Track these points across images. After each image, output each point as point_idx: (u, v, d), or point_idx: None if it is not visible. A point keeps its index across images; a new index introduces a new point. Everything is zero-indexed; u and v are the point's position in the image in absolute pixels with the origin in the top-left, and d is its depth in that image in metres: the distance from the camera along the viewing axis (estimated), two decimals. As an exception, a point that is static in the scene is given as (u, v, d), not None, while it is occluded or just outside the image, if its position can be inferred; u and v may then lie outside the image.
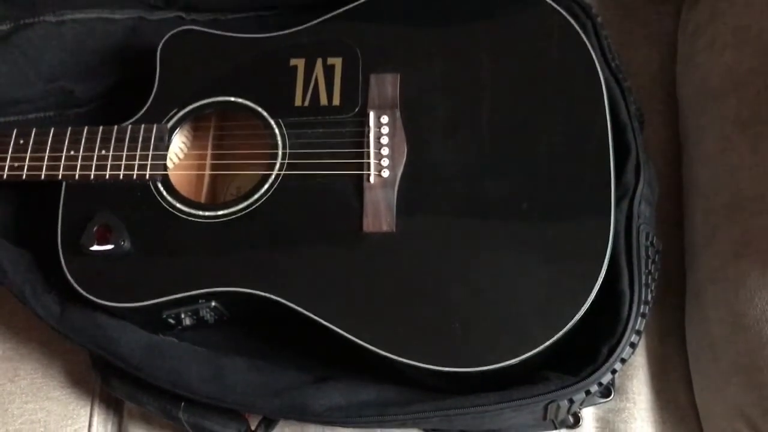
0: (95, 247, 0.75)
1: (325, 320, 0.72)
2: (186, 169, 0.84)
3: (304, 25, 0.83)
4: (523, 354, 0.69)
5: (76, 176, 0.78)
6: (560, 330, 0.69)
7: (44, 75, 0.88)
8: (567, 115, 0.76)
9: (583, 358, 0.72)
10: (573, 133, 0.76)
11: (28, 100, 0.89)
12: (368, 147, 0.77)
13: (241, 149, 0.81)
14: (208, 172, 0.83)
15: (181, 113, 0.81)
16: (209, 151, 0.84)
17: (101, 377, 0.79)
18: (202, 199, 0.82)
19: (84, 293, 0.75)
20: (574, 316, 0.69)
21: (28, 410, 0.83)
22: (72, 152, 0.79)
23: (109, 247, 0.75)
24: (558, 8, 0.80)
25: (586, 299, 0.70)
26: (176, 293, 0.74)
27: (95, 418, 0.84)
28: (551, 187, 0.74)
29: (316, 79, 0.80)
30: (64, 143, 0.79)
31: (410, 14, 0.82)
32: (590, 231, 0.72)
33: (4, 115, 0.89)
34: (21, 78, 0.88)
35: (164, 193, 0.78)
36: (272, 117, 0.79)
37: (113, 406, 0.86)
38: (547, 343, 0.69)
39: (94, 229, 0.76)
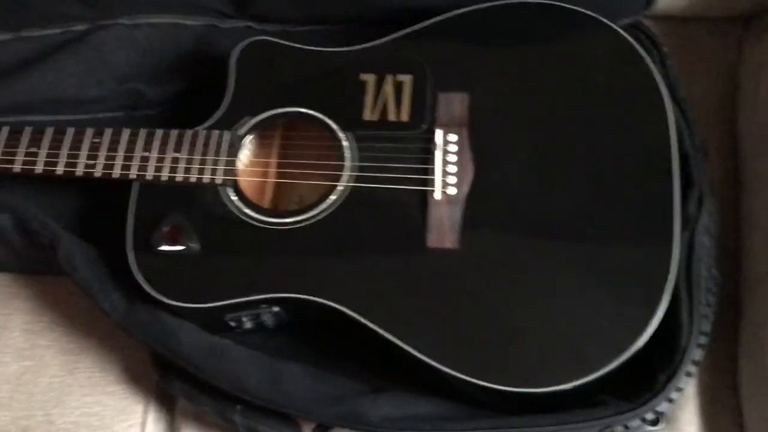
0: (164, 247, 0.77)
1: (383, 330, 0.73)
2: (249, 176, 0.85)
3: (376, 41, 0.84)
4: (579, 379, 0.69)
5: (149, 177, 0.80)
6: (619, 358, 0.69)
7: (116, 76, 0.90)
8: (633, 142, 0.77)
9: (639, 385, 0.72)
10: (638, 161, 0.76)
11: (100, 99, 0.91)
12: (435, 164, 0.78)
13: (307, 159, 0.82)
14: (273, 180, 0.84)
15: (253, 122, 0.82)
16: (274, 160, 0.85)
17: (160, 374, 0.80)
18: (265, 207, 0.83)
19: (151, 291, 0.76)
20: (634, 344, 0.69)
21: (85, 403, 0.85)
22: (145, 153, 0.80)
23: (179, 247, 0.77)
24: (626, 36, 0.81)
25: (646, 328, 0.70)
26: (241, 297, 0.75)
27: (149, 416, 0.85)
28: (615, 213, 0.74)
29: (386, 95, 0.81)
30: (138, 144, 0.81)
31: (480, 36, 0.83)
32: (653, 260, 0.72)
33: (76, 113, 0.91)
34: (94, 78, 0.90)
35: (234, 198, 0.79)
36: (341, 129, 0.81)
37: (167, 404, 0.86)
38: (605, 370, 0.69)
39: (165, 229, 0.77)
